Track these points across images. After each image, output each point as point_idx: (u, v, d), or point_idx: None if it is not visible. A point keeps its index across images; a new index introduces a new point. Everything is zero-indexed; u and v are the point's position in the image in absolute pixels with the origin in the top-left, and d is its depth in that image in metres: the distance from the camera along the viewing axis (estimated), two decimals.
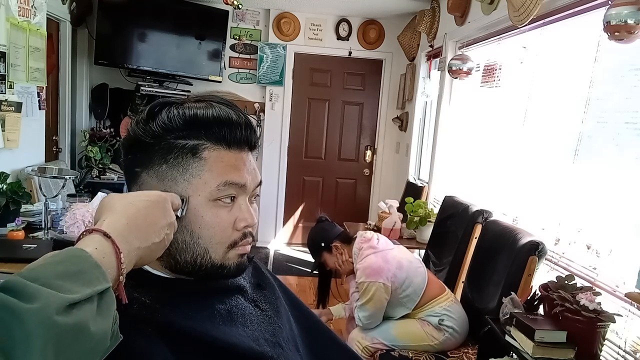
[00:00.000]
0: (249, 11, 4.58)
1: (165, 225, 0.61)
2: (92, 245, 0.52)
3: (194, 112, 0.70)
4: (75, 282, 0.46)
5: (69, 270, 0.47)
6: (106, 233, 0.53)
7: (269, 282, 0.90)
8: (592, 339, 1.43)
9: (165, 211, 0.62)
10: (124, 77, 4.27)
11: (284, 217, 4.93)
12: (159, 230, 0.60)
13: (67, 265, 0.47)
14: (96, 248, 0.51)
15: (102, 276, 0.49)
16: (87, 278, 0.47)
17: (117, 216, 0.56)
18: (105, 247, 0.52)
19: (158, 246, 0.61)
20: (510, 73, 2.70)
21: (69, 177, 2.58)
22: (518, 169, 2.52)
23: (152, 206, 0.60)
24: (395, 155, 4.82)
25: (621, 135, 1.82)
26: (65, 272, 0.46)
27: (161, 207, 0.61)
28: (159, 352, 0.62)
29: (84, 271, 0.48)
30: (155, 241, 0.59)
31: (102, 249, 0.52)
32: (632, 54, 1.78)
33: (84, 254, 0.50)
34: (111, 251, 0.53)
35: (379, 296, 2.00)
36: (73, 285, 0.45)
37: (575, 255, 1.95)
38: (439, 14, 3.73)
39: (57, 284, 0.44)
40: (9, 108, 2.71)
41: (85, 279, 0.47)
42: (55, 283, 0.44)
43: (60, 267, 0.47)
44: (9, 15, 2.66)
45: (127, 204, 0.59)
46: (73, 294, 0.44)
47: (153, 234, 0.59)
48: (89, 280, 0.47)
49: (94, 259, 0.50)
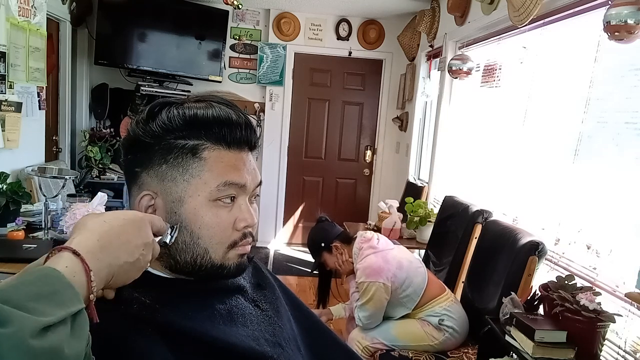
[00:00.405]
0: (249, 11, 4.58)
1: (140, 244, 0.59)
2: (62, 263, 0.50)
3: (194, 112, 0.70)
4: (48, 303, 0.45)
5: (42, 292, 0.45)
6: (75, 251, 0.51)
7: (269, 282, 0.90)
8: (592, 339, 1.43)
9: (140, 231, 0.60)
10: (124, 77, 4.27)
11: (284, 217, 4.93)
12: (132, 249, 0.58)
13: (40, 286, 0.46)
14: (66, 266, 0.50)
15: (75, 297, 0.48)
16: (60, 299, 0.46)
17: (88, 234, 0.55)
18: (75, 265, 0.51)
19: (132, 266, 0.58)
20: (510, 73, 2.70)
21: (69, 177, 2.58)
22: (518, 169, 2.52)
23: (127, 225, 0.59)
24: (395, 155, 4.82)
25: (621, 135, 1.82)
26: (38, 294, 0.45)
27: (137, 227, 0.59)
28: (159, 352, 0.62)
29: (57, 292, 0.46)
30: (128, 260, 0.57)
31: (72, 267, 0.50)
32: (632, 54, 1.78)
33: (57, 274, 0.48)
34: (81, 269, 0.51)
35: (379, 296, 2.00)
36: (46, 307, 0.44)
37: (575, 255, 1.95)
38: (439, 14, 3.73)
39: (30, 306, 0.43)
40: (9, 108, 2.71)
41: (58, 300, 0.46)
42: (28, 305, 0.43)
43: (33, 288, 0.45)
44: (9, 15, 2.66)
45: (100, 223, 0.57)
46: (47, 316, 0.43)
47: (125, 252, 0.57)
48: (62, 302, 0.46)
49: (67, 280, 0.48)
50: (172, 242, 0.67)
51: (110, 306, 0.62)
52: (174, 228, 0.68)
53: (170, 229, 0.67)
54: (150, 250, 0.61)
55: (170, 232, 0.67)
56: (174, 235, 0.68)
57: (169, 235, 0.67)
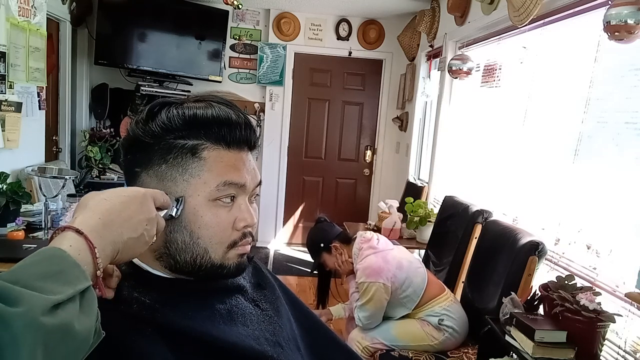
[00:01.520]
0: (249, 11, 4.58)
1: (144, 220, 0.60)
2: (66, 243, 0.51)
3: (194, 112, 0.70)
4: (56, 282, 0.46)
5: (49, 271, 0.47)
6: (78, 230, 0.52)
7: (269, 282, 0.90)
8: (592, 339, 1.43)
9: (142, 206, 0.60)
10: (124, 77, 4.27)
11: (284, 217, 4.93)
12: (135, 225, 0.58)
13: (47, 265, 0.47)
14: (70, 245, 0.51)
15: (82, 275, 0.49)
16: (68, 278, 0.47)
17: (90, 213, 0.56)
18: (80, 244, 0.52)
19: (136, 242, 0.59)
20: (510, 73, 2.70)
21: (69, 177, 2.58)
22: (518, 169, 2.52)
23: (129, 201, 0.59)
24: (395, 155, 4.82)
25: (621, 135, 1.82)
26: (46, 273, 0.46)
27: (138, 202, 0.60)
28: (159, 352, 0.62)
29: (63, 271, 0.48)
30: (132, 236, 0.58)
31: (76, 245, 0.51)
32: (632, 54, 1.78)
33: (62, 253, 0.49)
34: (85, 247, 0.52)
35: (379, 296, 2.00)
36: (54, 286, 0.45)
37: (575, 255, 1.95)
38: (439, 14, 3.73)
39: (38, 285, 0.44)
40: (9, 108, 2.71)
41: (65, 279, 0.47)
42: (37, 284, 0.44)
43: (40, 268, 0.47)
44: (9, 15, 2.66)
45: (100, 200, 0.58)
46: (55, 294, 0.44)
47: (128, 228, 0.58)
48: (69, 280, 0.47)
49: (73, 259, 0.49)
50: (178, 215, 0.68)
51: (111, 306, 0.62)
52: (180, 201, 0.68)
53: (175, 201, 0.68)
54: (154, 225, 0.62)
55: (176, 205, 0.67)
56: (179, 208, 0.68)
57: (175, 208, 0.67)
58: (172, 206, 0.67)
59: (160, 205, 0.64)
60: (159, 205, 0.64)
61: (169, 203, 0.66)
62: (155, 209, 0.62)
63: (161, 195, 0.65)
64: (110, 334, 0.60)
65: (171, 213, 0.67)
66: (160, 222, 0.63)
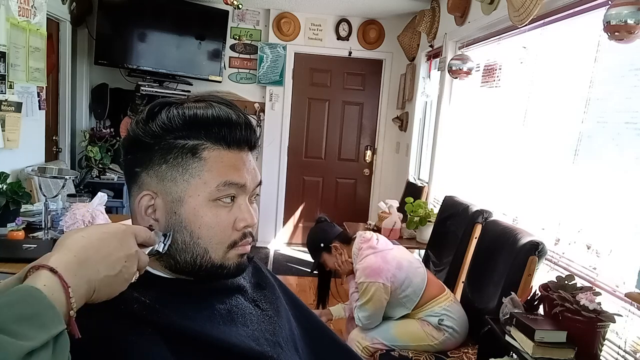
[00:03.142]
0: (249, 11, 4.58)
1: (122, 257, 0.58)
2: (40, 282, 0.49)
3: (194, 112, 0.70)
4: (31, 326, 0.45)
5: (24, 313, 0.45)
6: (52, 268, 0.51)
7: (269, 282, 0.90)
8: (592, 339, 1.43)
9: (122, 243, 0.59)
10: (124, 77, 4.27)
11: (284, 217, 4.93)
12: (113, 262, 0.57)
13: (23, 306, 0.46)
14: (44, 285, 0.49)
15: (56, 318, 0.48)
16: (43, 321, 0.46)
17: (65, 250, 0.54)
18: (53, 283, 0.50)
19: (114, 279, 0.57)
20: (510, 73, 2.70)
21: (69, 177, 2.58)
22: (518, 168, 2.52)
23: (107, 238, 0.58)
24: (395, 155, 4.82)
25: (621, 135, 1.82)
26: (21, 315, 0.45)
27: (118, 239, 0.59)
28: (159, 353, 0.62)
29: (39, 313, 0.47)
30: (109, 274, 0.56)
31: (50, 284, 0.50)
32: (632, 54, 1.78)
33: (38, 294, 0.48)
34: (59, 287, 0.50)
35: (379, 296, 2.00)
36: (30, 330, 0.44)
37: (575, 255, 1.95)
38: (439, 14, 3.73)
39: (13, 329, 0.43)
40: (9, 108, 2.71)
41: (40, 323, 0.46)
42: (11, 328, 0.43)
43: (16, 310, 0.45)
44: (9, 15, 2.66)
45: (78, 238, 0.56)
46: (30, 339, 0.43)
47: (106, 266, 0.56)
48: (44, 323, 0.46)
49: (49, 300, 0.48)
50: (165, 251, 0.67)
51: (111, 306, 0.62)
52: (167, 236, 0.67)
53: (163, 237, 0.67)
54: (134, 262, 0.60)
55: (164, 240, 0.67)
56: (166, 244, 0.67)
57: (162, 244, 0.66)
58: (159, 242, 0.66)
59: (143, 242, 0.63)
60: (141, 241, 0.63)
61: (153, 239, 0.65)
62: (135, 245, 0.61)
63: (144, 231, 0.64)
64: (110, 334, 0.60)
65: (158, 249, 0.66)
66: (143, 258, 0.62)
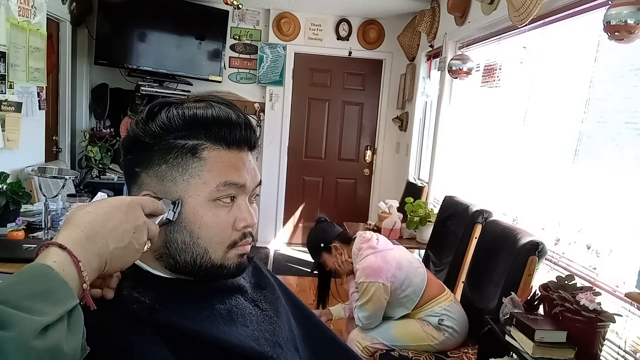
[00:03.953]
0: (249, 11, 4.58)
1: (130, 228, 0.59)
2: (50, 259, 0.51)
3: (194, 112, 0.70)
4: (44, 302, 0.46)
5: (37, 290, 0.46)
6: (61, 245, 0.52)
7: (269, 282, 0.90)
8: (592, 339, 1.43)
9: (128, 215, 0.59)
10: (124, 77, 4.27)
11: (284, 217, 4.93)
12: (121, 234, 0.58)
13: (35, 284, 0.47)
14: (55, 261, 0.50)
15: (69, 293, 0.49)
16: (56, 297, 0.47)
17: (72, 227, 0.55)
18: (63, 259, 0.51)
19: (124, 251, 0.58)
20: (510, 73, 2.70)
21: (69, 177, 2.58)
22: (518, 168, 2.52)
23: (113, 211, 0.58)
24: (395, 155, 4.82)
25: (621, 135, 1.82)
26: (34, 292, 0.46)
27: (124, 212, 0.59)
28: (159, 352, 0.62)
29: (52, 289, 0.47)
30: (118, 246, 0.57)
31: (60, 261, 0.51)
32: (632, 54, 1.78)
33: (50, 271, 0.49)
34: (70, 262, 0.51)
35: (379, 296, 2.00)
36: (43, 306, 0.45)
37: (575, 255, 1.95)
38: (439, 14, 3.73)
39: (27, 305, 0.44)
40: (9, 108, 2.71)
41: (54, 298, 0.47)
42: (26, 305, 0.44)
43: (29, 287, 0.46)
44: (9, 15, 2.65)
45: (84, 214, 0.57)
46: (44, 315, 0.44)
47: (114, 238, 0.57)
48: (57, 299, 0.47)
49: (60, 277, 0.49)
50: (175, 218, 0.67)
51: (110, 306, 0.62)
52: (176, 204, 0.67)
53: (172, 204, 0.67)
54: (143, 232, 0.61)
55: (173, 208, 0.67)
56: (176, 211, 0.67)
57: (172, 212, 0.67)
58: (168, 210, 0.67)
59: (151, 212, 0.63)
60: (149, 212, 0.63)
61: (161, 208, 0.65)
62: (143, 216, 0.61)
63: (150, 202, 0.64)
64: (110, 334, 0.60)
65: (168, 217, 0.66)
66: (152, 228, 0.63)
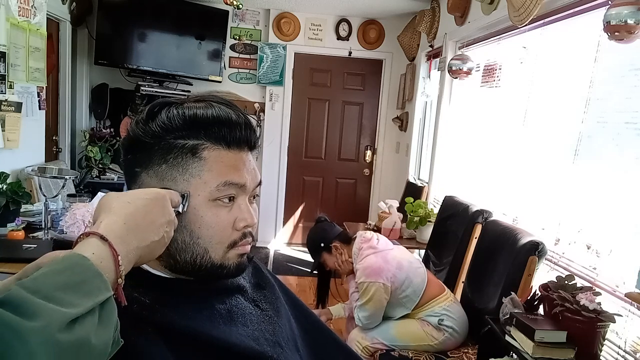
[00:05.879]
0: (249, 11, 4.58)
1: (165, 222, 0.60)
2: (89, 249, 0.51)
3: (194, 112, 0.70)
4: (76, 293, 0.45)
5: (71, 281, 0.46)
6: (103, 236, 0.52)
7: (269, 282, 0.90)
8: (592, 339, 1.43)
9: (164, 209, 0.61)
10: (124, 77, 4.27)
11: (284, 217, 4.93)
12: (157, 228, 0.59)
13: (69, 275, 0.47)
14: (93, 253, 0.50)
15: (103, 285, 0.49)
16: (88, 288, 0.47)
17: (115, 217, 0.55)
18: (103, 251, 0.51)
19: (157, 244, 0.60)
20: (510, 73, 2.70)
21: (69, 177, 2.58)
22: (518, 168, 2.52)
23: (151, 204, 0.60)
24: (395, 155, 4.82)
25: (621, 135, 1.82)
26: (67, 283, 0.46)
27: (160, 205, 0.60)
28: (159, 352, 0.62)
29: (85, 281, 0.47)
30: (154, 239, 0.59)
31: (99, 253, 0.51)
32: (632, 54, 1.78)
33: (85, 262, 0.49)
34: (109, 255, 0.52)
35: (379, 296, 2.00)
36: (74, 297, 0.45)
37: (575, 255, 1.95)
38: (439, 14, 3.73)
39: (58, 296, 0.44)
40: (9, 108, 2.71)
41: (86, 290, 0.47)
42: (57, 295, 0.44)
43: (62, 278, 0.46)
44: (9, 15, 2.65)
45: (124, 203, 0.57)
46: (74, 307, 0.44)
47: (152, 232, 0.58)
48: (90, 291, 0.47)
49: (96, 268, 0.49)
50: (184, 210, 0.68)
51: None
52: (185, 197, 0.68)
53: (181, 197, 0.68)
54: (172, 227, 0.62)
55: (182, 202, 0.68)
56: (185, 205, 0.68)
57: (181, 205, 0.68)
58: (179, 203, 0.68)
59: (174, 206, 0.65)
60: (174, 205, 0.64)
61: (178, 201, 0.67)
62: (172, 211, 0.63)
63: (176, 196, 0.65)
64: None
65: (178, 210, 0.67)
66: (176, 222, 0.64)
